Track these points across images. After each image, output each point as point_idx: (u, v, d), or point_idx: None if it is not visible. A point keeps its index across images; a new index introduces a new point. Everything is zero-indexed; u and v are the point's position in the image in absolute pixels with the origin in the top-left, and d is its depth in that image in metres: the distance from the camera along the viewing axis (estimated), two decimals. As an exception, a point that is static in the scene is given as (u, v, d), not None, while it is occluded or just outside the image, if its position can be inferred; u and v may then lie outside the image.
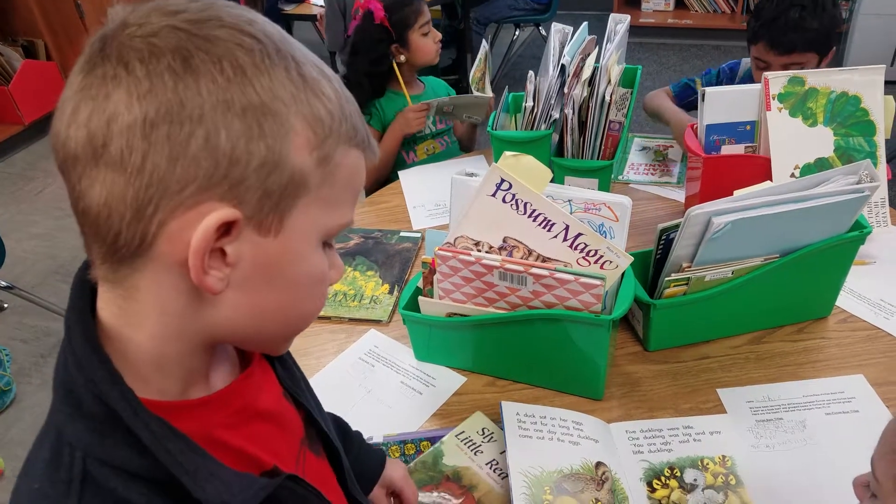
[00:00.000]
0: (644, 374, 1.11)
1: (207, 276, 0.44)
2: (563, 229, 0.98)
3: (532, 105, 1.49)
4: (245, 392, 0.57)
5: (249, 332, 0.51)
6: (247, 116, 0.43)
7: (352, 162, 0.50)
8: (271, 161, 0.44)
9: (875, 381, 1.07)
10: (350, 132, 0.49)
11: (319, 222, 0.49)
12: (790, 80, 1.29)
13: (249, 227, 0.45)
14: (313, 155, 0.46)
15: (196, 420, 0.50)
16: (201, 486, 0.46)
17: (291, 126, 0.45)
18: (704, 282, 1.05)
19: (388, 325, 1.27)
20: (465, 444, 1.01)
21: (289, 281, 0.49)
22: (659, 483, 0.93)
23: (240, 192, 0.44)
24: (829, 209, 1.01)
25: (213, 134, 0.42)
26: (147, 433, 0.45)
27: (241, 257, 0.46)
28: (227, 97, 0.42)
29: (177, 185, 0.42)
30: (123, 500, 0.45)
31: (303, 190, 0.47)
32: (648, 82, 4.19)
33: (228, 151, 0.43)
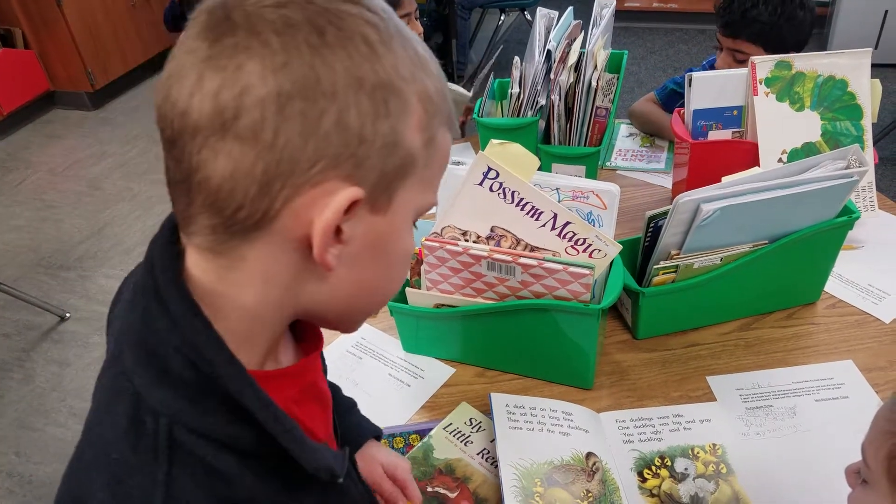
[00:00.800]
0: (633, 362, 1.10)
1: (327, 254, 0.44)
2: (551, 218, 0.97)
3: (518, 91, 1.47)
4: (311, 371, 0.58)
5: (344, 307, 0.52)
6: (375, 95, 0.42)
7: (446, 143, 0.50)
8: (392, 141, 0.44)
9: (864, 367, 1.07)
10: (448, 112, 0.49)
11: (417, 201, 0.49)
12: (777, 64, 1.28)
13: (366, 206, 0.45)
14: (423, 135, 0.46)
15: (276, 391, 0.49)
16: (311, 453, 0.47)
17: (410, 105, 0.45)
18: (693, 269, 1.04)
19: (375, 316, 1.26)
20: (455, 436, 1.00)
21: (389, 257, 0.50)
22: (650, 473, 0.93)
23: (363, 171, 0.43)
24: (818, 195, 1.00)
25: (345, 112, 0.41)
26: (256, 401, 0.45)
27: (354, 235, 0.46)
28: (360, 74, 0.42)
29: (307, 162, 0.42)
30: (214, 469, 0.44)
31: (411, 170, 0.46)
32: (634, 67, 4.18)
33: (357, 130, 0.42)
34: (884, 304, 1.19)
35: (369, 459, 0.85)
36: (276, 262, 0.45)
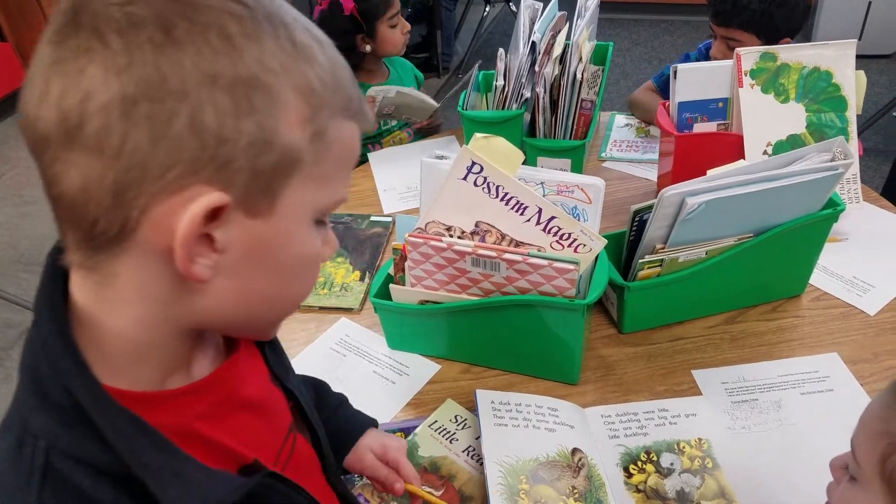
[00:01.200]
0: (619, 356, 1.10)
1: (194, 265, 0.42)
2: (535, 213, 0.96)
3: (503, 84, 1.46)
4: (228, 381, 0.54)
5: (238, 319, 0.49)
6: (235, 91, 0.40)
7: (346, 136, 0.47)
8: (262, 139, 0.41)
9: (849, 360, 1.07)
10: (344, 102, 0.46)
11: (313, 201, 0.46)
12: (762, 55, 1.27)
13: (239, 211, 0.42)
14: (306, 130, 0.43)
15: (173, 412, 0.48)
16: (164, 488, 0.44)
17: (283, 100, 0.42)
18: (678, 263, 1.04)
19: (359, 312, 1.24)
20: (440, 434, 0.99)
21: (280, 264, 0.47)
22: (635, 468, 0.92)
23: (228, 173, 0.41)
24: (803, 187, 1.00)
25: (199, 111, 0.39)
26: (112, 430, 0.42)
27: (230, 242, 0.43)
28: (214, 70, 0.39)
29: (160, 168, 0.39)
30: (88, 497, 0.42)
31: (295, 168, 0.44)
32: (619, 59, 4.17)
33: (215, 130, 0.39)
34: (868, 297, 1.19)
35: (359, 452, 0.82)
36: (149, 276, 0.43)
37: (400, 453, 0.82)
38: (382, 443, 0.82)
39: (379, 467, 0.80)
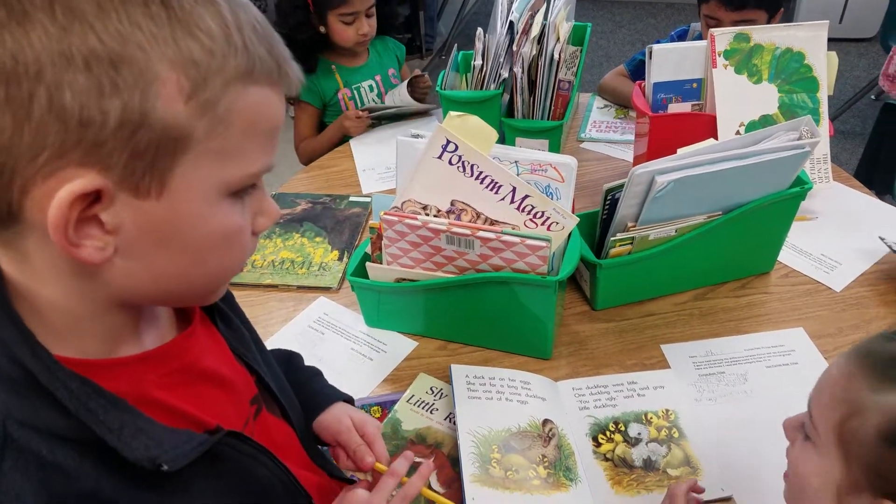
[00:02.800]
0: (591, 332, 1.12)
1: (81, 249, 0.41)
2: (510, 191, 0.98)
3: (481, 64, 1.47)
4: (184, 352, 0.55)
5: (155, 294, 0.49)
6: (92, 69, 0.38)
7: (253, 102, 0.44)
8: (132, 119, 0.39)
9: (814, 334, 1.10)
10: (243, 67, 0.43)
11: (216, 177, 0.44)
12: (735, 36, 1.29)
13: (124, 192, 0.41)
14: (190, 104, 0.41)
15: (126, 379, 0.48)
16: (127, 442, 0.45)
17: (154, 74, 0.39)
18: (649, 240, 1.06)
19: (337, 291, 1.26)
20: (419, 406, 1.01)
21: (186, 243, 0.46)
22: (604, 437, 0.95)
23: (101, 155, 0.39)
24: (771, 165, 1.02)
25: (56, 93, 0.37)
26: (65, 392, 0.43)
27: (121, 224, 0.42)
28: (64, 48, 0.37)
29: (28, 151, 0.38)
30: (50, 463, 0.43)
31: (184, 145, 0.42)
32: (602, 41, 4.18)
33: (77, 113, 0.38)
34: (835, 274, 1.22)
35: (337, 417, 0.79)
36: (54, 254, 0.43)
37: (378, 431, 0.80)
38: (362, 416, 0.81)
39: (354, 435, 0.78)
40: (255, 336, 0.71)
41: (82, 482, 0.44)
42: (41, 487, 0.42)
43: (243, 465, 0.56)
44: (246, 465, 0.56)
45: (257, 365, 0.66)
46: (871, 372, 0.55)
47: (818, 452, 0.60)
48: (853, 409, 0.56)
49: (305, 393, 0.79)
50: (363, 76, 1.87)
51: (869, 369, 0.56)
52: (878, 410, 0.53)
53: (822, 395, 0.61)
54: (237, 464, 0.55)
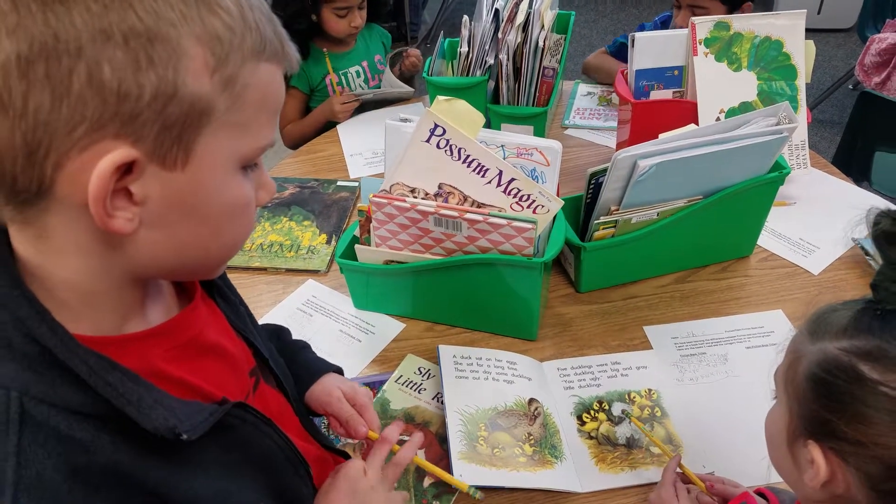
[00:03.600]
0: (576, 314, 1.15)
1: (114, 220, 0.43)
2: (496, 175, 0.99)
3: (467, 51, 1.48)
4: (189, 326, 0.56)
5: (174, 265, 0.51)
6: (130, 45, 0.39)
7: (264, 79, 0.47)
8: (165, 92, 0.41)
9: (793, 316, 1.13)
10: (257, 45, 0.46)
11: (232, 148, 0.47)
12: (716, 24, 1.31)
13: (153, 163, 0.43)
14: (214, 78, 0.43)
15: (135, 354, 0.50)
16: (146, 414, 0.46)
17: (184, 50, 0.41)
18: (631, 224, 1.08)
19: (326, 274, 1.27)
20: (407, 387, 1.03)
21: (206, 213, 0.48)
22: (588, 416, 0.97)
23: (135, 127, 0.41)
24: (750, 150, 1.04)
25: (96, 69, 0.39)
26: (84, 367, 0.44)
27: (148, 195, 0.44)
28: (105, 25, 0.39)
29: (65, 126, 0.40)
30: (67, 437, 0.44)
31: (207, 118, 0.44)
32: (585, 30, 4.20)
33: (115, 87, 0.40)
34: (813, 257, 1.25)
35: (327, 388, 0.81)
36: (78, 229, 0.44)
37: (368, 399, 0.82)
38: (352, 386, 0.83)
39: (345, 405, 0.80)
40: (248, 312, 0.72)
41: (100, 455, 0.45)
42: (61, 461, 0.44)
43: (249, 435, 0.58)
44: (251, 435, 0.58)
45: (253, 338, 0.67)
46: (810, 326, 0.60)
47: (779, 404, 0.64)
48: (794, 357, 0.60)
49: (295, 365, 0.80)
50: (350, 62, 1.87)
51: (810, 323, 0.60)
52: (808, 357, 0.58)
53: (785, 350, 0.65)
54: (243, 434, 0.57)
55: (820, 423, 0.56)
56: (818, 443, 0.56)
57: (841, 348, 0.55)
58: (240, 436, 0.57)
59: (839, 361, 0.55)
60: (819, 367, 0.56)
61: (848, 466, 0.55)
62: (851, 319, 0.56)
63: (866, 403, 0.53)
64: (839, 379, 0.54)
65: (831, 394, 0.55)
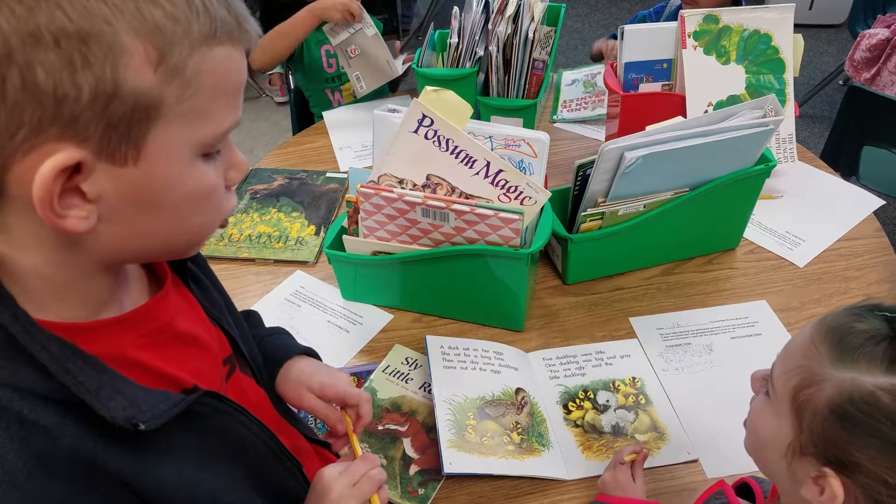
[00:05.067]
0: (562, 305, 1.15)
1: (65, 220, 0.43)
2: (484, 166, 1.00)
3: (457, 42, 1.48)
4: (160, 313, 0.56)
5: (139, 254, 0.51)
6: (62, 46, 0.38)
7: (219, 63, 0.45)
8: (105, 91, 0.40)
9: (777, 307, 1.14)
10: (207, 30, 0.44)
11: (189, 138, 0.46)
12: (705, 18, 1.32)
13: (102, 161, 0.42)
14: (159, 72, 0.42)
15: (105, 341, 0.50)
16: (104, 402, 0.46)
17: (121, 46, 0.40)
18: (618, 216, 1.09)
19: (314, 265, 1.27)
20: (394, 376, 1.03)
21: (166, 204, 0.47)
22: (574, 405, 0.98)
23: (77, 128, 0.40)
24: (736, 143, 1.05)
25: (28, 73, 0.38)
26: (45, 354, 0.44)
27: (101, 192, 0.43)
28: (33, 27, 0.38)
29: (6, 131, 0.39)
30: (31, 422, 0.44)
31: (156, 112, 0.43)
32: (578, 24, 4.20)
33: (51, 90, 0.39)
34: (799, 250, 1.26)
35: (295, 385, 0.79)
36: (35, 225, 0.44)
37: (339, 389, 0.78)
38: (320, 381, 0.78)
39: (317, 402, 0.78)
40: (226, 299, 0.72)
41: (64, 440, 0.45)
42: (23, 446, 0.43)
43: (221, 424, 0.58)
44: (224, 423, 0.58)
45: (229, 327, 0.67)
46: (832, 346, 0.57)
47: (774, 411, 0.63)
48: (811, 378, 0.58)
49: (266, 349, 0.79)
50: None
51: (831, 343, 0.58)
52: (833, 384, 0.56)
53: (786, 358, 0.63)
54: (215, 423, 0.57)
55: (846, 457, 0.54)
56: (838, 474, 0.55)
57: (879, 386, 0.53)
58: (212, 424, 0.56)
59: (880, 404, 0.52)
60: (851, 402, 0.54)
61: (865, 498, 0.54)
62: (887, 351, 0.54)
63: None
64: (879, 423, 0.52)
65: (866, 434, 0.53)
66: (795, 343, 0.63)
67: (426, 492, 0.87)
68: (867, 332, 0.56)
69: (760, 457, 0.66)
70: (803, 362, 0.60)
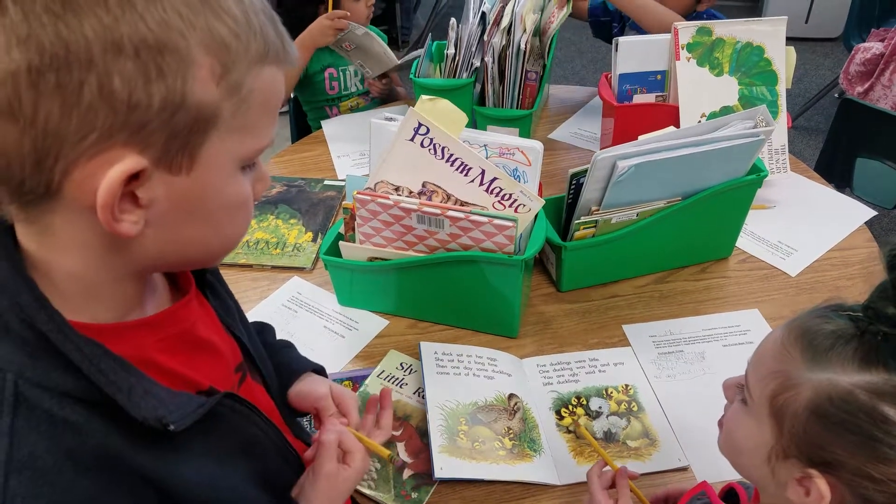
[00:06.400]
0: (556, 312, 1.16)
1: (120, 224, 0.44)
2: (479, 174, 1.01)
3: (454, 53, 1.50)
4: (181, 319, 0.58)
5: (176, 260, 0.52)
6: (140, 56, 0.40)
7: (267, 82, 0.48)
8: (174, 101, 0.42)
9: (769, 316, 1.15)
10: (261, 49, 0.46)
11: (235, 151, 0.48)
12: (698, 30, 1.34)
13: (159, 169, 0.44)
14: (221, 86, 0.44)
15: (130, 342, 0.51)
16: (136, 403, 0.47)
17: (192, 59, 0.42)
18: (611, 224, 1.10)
19: (311, 272, 1.29)
20: (389, 381, 1.04)
21: (209, 212, 0.49)
22: (566, 411, 0.99)
23: (144, 136, 0.42)
24: (727, 153, 1.07)
25: (106, 80, 0.39)
26: (77, 354, 0.46)
27: (154, 198, 0.45)
28: (116, 37, 0.39)
29: (75, 135, 0.40)
30: (60, 419, 0.45)
31: (213, 124, 0.45)
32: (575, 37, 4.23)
33: (125, 98, 0.40)
34: (791, 259, 1.28)
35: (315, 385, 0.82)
36: (83, 229, 0.45)
37: (353, 402, 0.82)
38: (341, 389, 0.82)
39: (330, 403, 0.80)
40: (238, 308, 0.74)
41: (92, 438, 0.46)
42: (53, 444, 0.45)
43: (238, 425, 0.60)
44: (241, 424, 0.60)
45: (241, 334, 0.69)
46: (804, 349, 0.58)
47: (752, 417, 0.63)
48: (787, 383, 0.58)
49: (276, 363, 0.81)
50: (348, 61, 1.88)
51: (803, 346, 0.58)
52: (810, 387, 0.56)
53: (759, 364, 0.64)
54: (233, 424, 0.59)
55: (831, 457, 0.55)
56: (823, 473, 0.56)
57: (856, 385, 0.54)
58: (229, 425, 0.58)
59: (857, 401, 0.53)
60: (830, 402, 0.55)
61: (852, 495, 0.55)
62: (857, 350, 0.55)
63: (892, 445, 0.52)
64: (859, 419, 0.53)
65: (847, 432, 0.54)
66: (766, 349, 0.64)
67: (419, 496, 0.88)
68: (835, 332, 0.57)
69: (740, 461, 0.67)
70: (777, 367, 0.60)
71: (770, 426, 0.60)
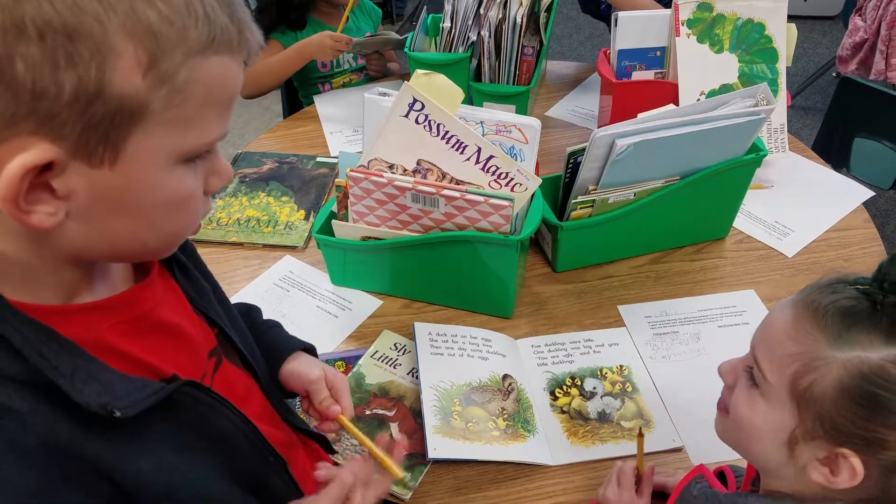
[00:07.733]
0: (551, 293, 1.15)
1: (31, 216, 0.41)
2: (475, 151, 0.99)
3: (450, 26, 1.47)
4: (141, 302, 0.55)
5: (106, 254, 0.50)
6: (46, 41, 0.37)
7: (212, 73, 0.44)
8: (87, 91, 0.38)
9: (765, 297, 1.14)
10: (204, 38, 0.42)
11: (171, 145, 0.44)
12: (699, 5, 1.31)
13: (77, 161, 0.41)
14: (148, 76, 0.40)
15: (81, 326, 0.49)
16: (78, 388, 0.45)
17: (110, 47, 0.38)
18: (608, 204, 1.09)
19: (303, 250, 1.27)
20: (382, 362, 1.03)
21: (139, 208, 0.46)
22: (561, 392, 0.98)
23: (54, 126, 0.39)
24: (727, 131, 1.05)
25: (7, 64, 0.37)
26: (17, 336, 0.44)
27: (72, 190, 0.42)
28: (17, 18, 0.36)
29: None
30: (4, 406, 0.43)
31: (139, 116, 0.41)
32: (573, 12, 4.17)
33: (29, 85, 0.37)
34: (788, 240, 1.27)
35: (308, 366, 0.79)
36: (6, 216, 0.42)
37: (345, 386, 0.79)
38: (334, 373, 0.80)
39: (323, 387, 0.77)
40: (216, 288, 0.71)
41: (38, 426, 0.44)
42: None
43: (202, 415, 0.57)
44: (205, 414, 0.57)
45: (217, 316, 0.66)
46: (826, 328, 0.57)
47: (767, 401, 0.61)
48: (810, 364, 0.57)
49: (265, 343, 0.79)
50: None
51: (823, 325, 0.57)
52: (838, 366, 0.55)
53: (772, 346, 0.62)
54: (196, 413, 0.56)
55: (871, 435, 0.55)
56: (857, 452, 0.56)
57: (885, 359, 0.54)
58: (192, 415, 0.56)
59: (892, 375, 0.53)
60: (865, 379, 0.54)
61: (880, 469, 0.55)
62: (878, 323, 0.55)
63: None
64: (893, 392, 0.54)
65: (883, 407, 0.54)
66: (777, 329, 0.62)
67: (413, 475, 0.87)
68: (851, 308, 0.56)
69: (750, 447, 0.65)
70: (797, 349, 0.59)
71: (790, 409, 0.59)
